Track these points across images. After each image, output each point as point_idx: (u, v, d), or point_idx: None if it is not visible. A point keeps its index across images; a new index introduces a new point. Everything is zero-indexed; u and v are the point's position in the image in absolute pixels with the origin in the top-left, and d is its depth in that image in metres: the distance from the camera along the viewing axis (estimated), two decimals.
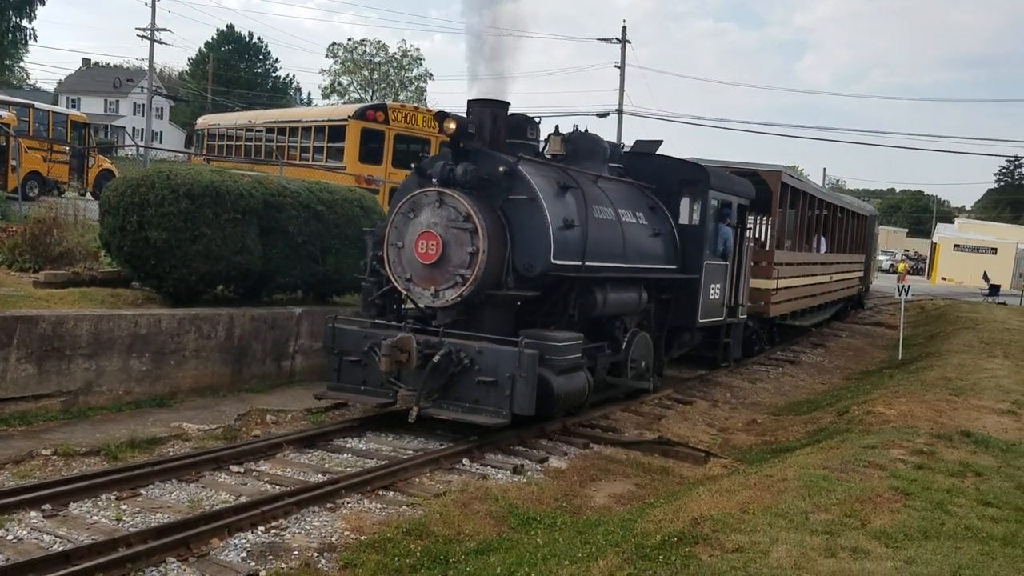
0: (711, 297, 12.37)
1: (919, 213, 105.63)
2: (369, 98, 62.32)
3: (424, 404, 8.52)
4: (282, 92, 72.42)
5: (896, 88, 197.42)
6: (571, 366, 9.13)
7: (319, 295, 11.63)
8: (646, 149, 12.72)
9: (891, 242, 74.34)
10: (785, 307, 17.20)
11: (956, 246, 60.85)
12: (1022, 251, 56.71)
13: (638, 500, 7.46)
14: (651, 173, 11.90)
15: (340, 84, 66.43)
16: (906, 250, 76.37)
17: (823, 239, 21.23)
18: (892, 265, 57.25)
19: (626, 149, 12.69)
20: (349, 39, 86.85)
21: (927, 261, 66.41)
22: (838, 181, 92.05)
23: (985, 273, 43.77)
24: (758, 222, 22.32)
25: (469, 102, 9.47)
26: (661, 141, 12.99)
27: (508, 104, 9.61)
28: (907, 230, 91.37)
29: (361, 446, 8.48)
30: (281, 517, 6.29)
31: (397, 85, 66.75)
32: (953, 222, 79.65)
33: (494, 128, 9.44)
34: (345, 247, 11.30)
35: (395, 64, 67.01)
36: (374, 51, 66.34)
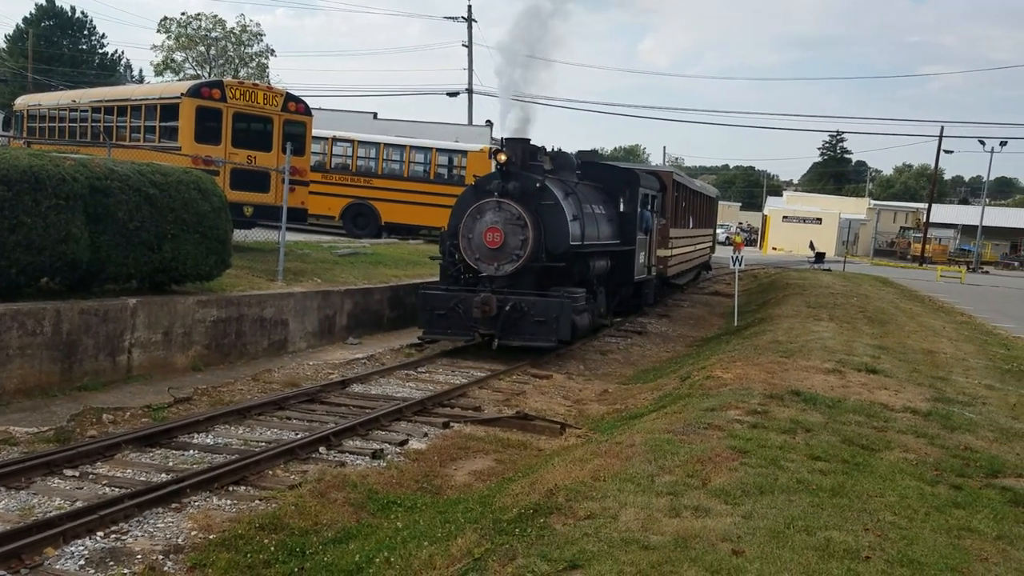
0: (640, 262, 17.45)
1: (751, 187, 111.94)
2: (207, 75, 59.18)
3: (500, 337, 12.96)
4: (110, 70, 67.55)
5: (732, 69, 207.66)
6: (582, 309, 13.93)
7: (156, 284, 10.98)
8: (588, 157, 17.89)
9: (726, 216, 78.21)
10: (675, 268, 22.90)
11: (785, 217, 64.98)
12: (844, 220, 61.09)
13: (498, 475, 7.55)
14: (600, 176, 17.00)
15: (174, 61, 62.57)
16: (740, 223, 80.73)
17: (691, 218, 26.16)
18: (728, 237, 60.28)
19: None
20: (183, 13, 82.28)
21: (759, 232, 70.57)
22: (677, 159, 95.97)
23: (811, 242, 47.02)
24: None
25: (504, 139, 14.24)
26: (596, 150, 18.84)
27: (530, 140, 14.43)
28: (740, 204, 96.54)
29: (208, 441, 8.14)
30: (122, 520, 5.96)
31: (237, 61, 63.63)
32: (782, 195, 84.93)
33: (523, 156, 14.05)
34: (183, 232, 10.73)
35: (234, 40, 63.84)
36: (211, 26, 62.94)
